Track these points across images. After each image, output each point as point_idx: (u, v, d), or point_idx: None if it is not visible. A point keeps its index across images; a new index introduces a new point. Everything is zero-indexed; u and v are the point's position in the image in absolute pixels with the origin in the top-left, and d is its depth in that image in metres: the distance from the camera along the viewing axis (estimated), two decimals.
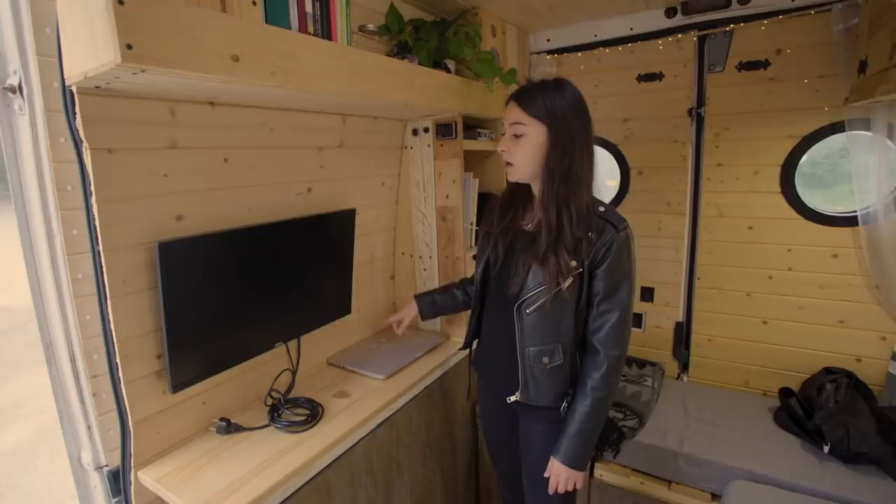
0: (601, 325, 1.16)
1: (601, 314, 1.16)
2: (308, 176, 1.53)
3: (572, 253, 1.13)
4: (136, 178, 1.06)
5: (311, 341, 1.57)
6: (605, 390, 1.15)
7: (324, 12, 1.21)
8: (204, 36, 0.85)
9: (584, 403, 1.16)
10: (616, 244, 1.12)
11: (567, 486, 1.20)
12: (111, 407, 1.06)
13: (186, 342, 1.13)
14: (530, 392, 1.23)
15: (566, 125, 1.14)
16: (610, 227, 1.13)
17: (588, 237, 1.13)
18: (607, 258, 1.13)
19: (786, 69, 1.96)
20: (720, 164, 2.14)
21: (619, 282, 1.14)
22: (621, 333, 1.16)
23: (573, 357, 1.21)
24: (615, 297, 1.15)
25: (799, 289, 2.05)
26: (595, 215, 1.15)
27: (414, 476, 1.65)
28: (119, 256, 1.03)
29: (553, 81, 1.18)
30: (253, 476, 1.07)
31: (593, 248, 1.13)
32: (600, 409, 1.17)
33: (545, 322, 1.18)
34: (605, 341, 1.16)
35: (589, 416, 1.16)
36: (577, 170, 1.14)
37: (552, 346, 1.19)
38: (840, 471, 1.55)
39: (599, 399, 1.16)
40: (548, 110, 1.14)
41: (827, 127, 1.90)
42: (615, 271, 1.14)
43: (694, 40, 2.10)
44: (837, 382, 1.78)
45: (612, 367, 1.15)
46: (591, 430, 1.18)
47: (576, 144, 1.14)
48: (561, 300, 1.15)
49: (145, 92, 1.01)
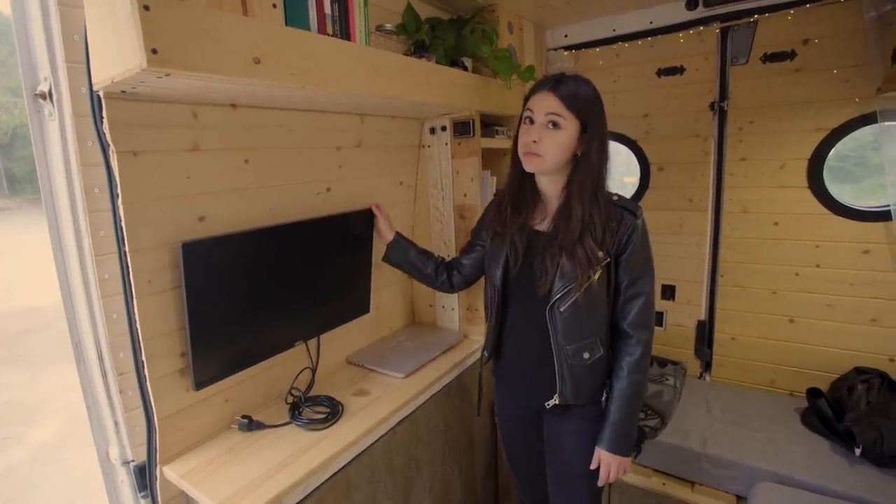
0: (630, 310, 1.18)
1: (629, 299, 1.18)
2: (327, 176, 1.54)
3: (599, 244, 1.14)
4: (160, 180, 1.08)
5: (330, 340, 1.58)
6: (641, 373, 1.18)
7: (342, 13, 1.22)
8: (226, 39, 0.86)
9: (624, 388, 1.18)
10: (637, 230, 1.15)
11: (618, 473, 1.21)
12: (137, 404, 1.08)
13: (209, 341, 1.15)
14: (568, 392, 1.22)
15: (598, 120, 1.16)
16: (628, 215, 1.15)
17: (610, 227, 1.14)
18: (630, 245, 1.15)
19: (813, 59, 1.90)
20: (744, 158, 2.09)
21: (642, 266, 1.17)
22: (649, 316, 1.18)
23: (609, 347, 1.23)
24: (641, 282, 1.17)
25: (828, 286, 1.99)
26: (612, 204, 1.17)
27: (433, 474, 1.65)
28: (144, 257, 1.06)
29: (573, 76, 1.17)
30: (275, 473, 1.08)
31: (616, 237, 1.15)
32: (640, 393, 1.19)
33: (580, 317, 1.18)
34: (636, 324, 1.18)
35: (629, 401, 1.18)
36: (604, 164, 1.17)
37: (590, 340, 1.19)
38: (872, 474, 1.50)
39: (637, 382, 1.17)
40: (584, 104, 1.14)
41: (858, 118, 1.84)
42: (638, 256, 1.16)
43: (716, 32, 2.06)
44: (869, 383, 1.73)
45: (645, 350, 1.18)
46: (633, 413, 1.20)
47: (605, 140, 1.17)
48: (592, 293, 1.16)
49: (169, 95, 1.03)
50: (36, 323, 5.90)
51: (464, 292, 1.87)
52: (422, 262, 1.54)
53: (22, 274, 7.34)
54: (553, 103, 1.14)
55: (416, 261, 1.54)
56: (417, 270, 1.55)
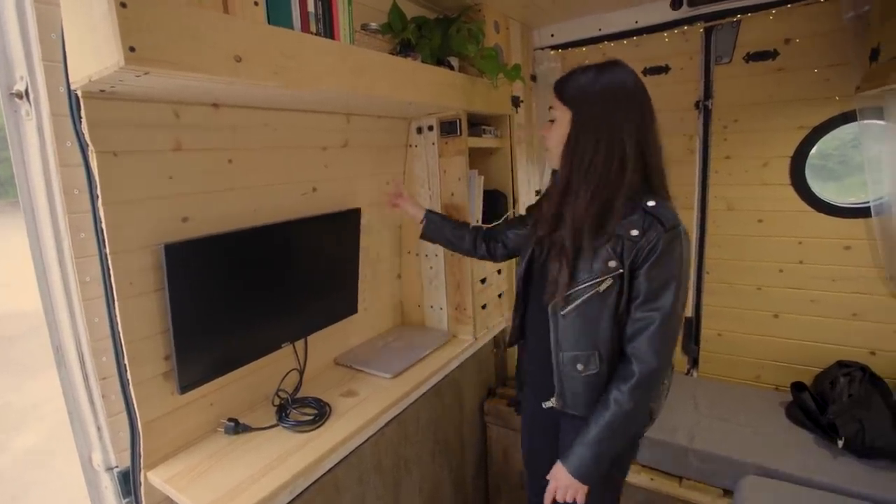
0: (637, 332, 1.05)
1: (638, 320, 1.05)
2: (313, 176, 1.53)
3: (612, 252, 1.04)
4: (141, 181, 1.07)
5: (318, 341, 1.57)
6: (629, 405, 1.04)
7: (326, 11, 1.21)
8: (206, 37, 0.85)
9: (603, 414, 1.06)
10: (662, 243, 1.01)
11: (566, 496, 1.11)
12: (120, 408, 1.07)
13: (194, 343, 1.13)
14: (566, 399, 1.15)
15: (589, 111, 1.06)
16: (657, 225, 1.01)
17: (631, 235, 1.02)
18: (650, 258, 1.02)
19: (795, 59, 1.93)
20: (728, 156, 2.12)
21: (662, 285, 1.02)
22: (660, 344, 1.03)
23: (612, 367, 1.10)
24: (656, 303, 1.03)
25: (811, 282, 2.02)
26: (642, 211, 1.03)
27: (423, 474, 1.65)
28: (126, 259, 1.04)
29: (598, 64, 1.09)
30: (261, 476, 1.07)
31: (636, 247, 1.02)
32: (620, 425, 1.06)
33: (581, 326, 1.10)
34: (639, 350, 1.04)
35: (605, 428, 1.06)
36: (599, 161, 1.04)
37: (588, 352, 1.10)
38: (855, 465, 1.53)
39: (621, 414, 1.05)
40: (574, 94, 1.08)
41: (838, 117, 1.87)
42: (658, 273, 1.02)
43: (700, 32, 2.08)
44: (851, 376, 1.75)
45: (642, 381, 1.04)
46: (606, 443, 1.07)
47: (600, 133, 1.04)
48: (596, 303, 1.06)
49: (149, 94, 1.01)
50: (23, 328, 5.80)
51: (452, 292, 1.87)
52: (457, 238, 1.53)
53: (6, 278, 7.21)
54: (552, 96, 1.14)
55: (452, 236, 1.53)
56: (453, 246, 1.55)
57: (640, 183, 1.06)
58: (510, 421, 1.97)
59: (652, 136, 1.07)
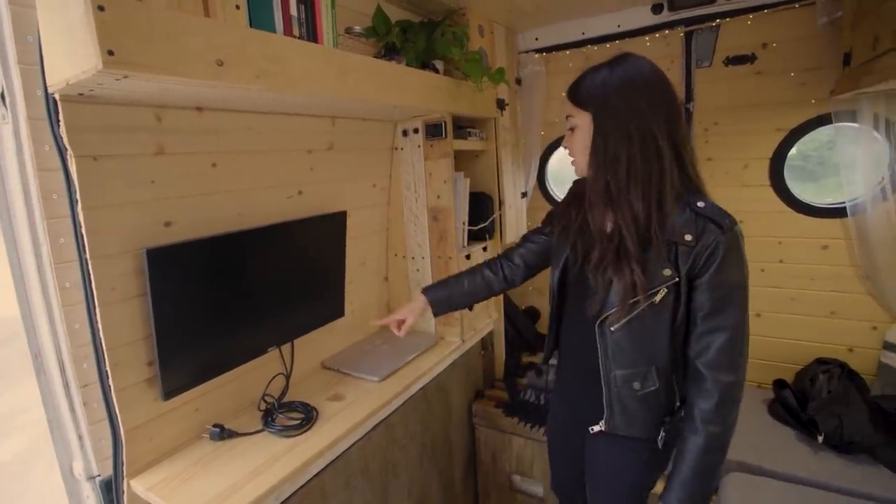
0: (707, 346, 0.96)
1: (707, 333, 0.96)
2: (298, 179, 1.53)
3: (666, 260, 0.95)
4: (122, 185, 1.06)
5: (304, 345, 1.56)
6: (720, 425, 0.96)
7: (309, 15, 1.21)
8: (187, 41, 0.84)
9: (696, 441, 0.97)
10: (722, 248, 0.91)
11: None
12: (102, 416, 1.05)
13: (178, 349, 1.12)
14: (617, 421, 1.07)
15: (606, 107, 0.97)
16: (712, 227, 0.92)
17: (685, 240, 0.93)
18: (711, 265, 0.93)
19: (772, 63, 1.97)
20: (710, 158, 2.15)
21: (728, 294, 0.94)
22: (735, 355, 0.95)
23: (669, 382, 1.03)
24: (724, 313, 0.94)
25: (791, 281, 2.06)
26: (693, 212, 0.94)
27: (411, 478, 1.65)
28: (107, 264, 1.03)
29: (610, 60, 1.01)
30: (247, 481, 1.06)
31: (692, 254, 0.93)
32: (717, 449, 0.97)
33: (635, 341, 1.01)
34: (715, 365, 0.95)
35: (703, 456, 0.97)
36: (636, 159, 0.94)
37: (644, 369, 1.02)
38: (834, 460, 1.56)
39: (714, 435, 0.96)
40: (591, 94, 0.99)
41: (814, 119, 1.92)
42: (722, 281, 0.93)
43: (681, 36, 2.12)
44: (830, 373, 1.79)
45: (725, 397, 0.95)
46: (708, 472, 0.98)
47: (629, 129, 0.94)
48: (651, 316, 0.98)
49: (130, 98, 1.00)
50: (2, 334, 5.68)
51: None
52: (473, 291, 1.38)
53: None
54: (567, 105, 1.06)
55: (466, 295, 1.38)
56: (475, 298, 1.40)
57: (681, 180, 0.97)
58: (498, 423, 1.98)
59: (682, 127, 0.98)
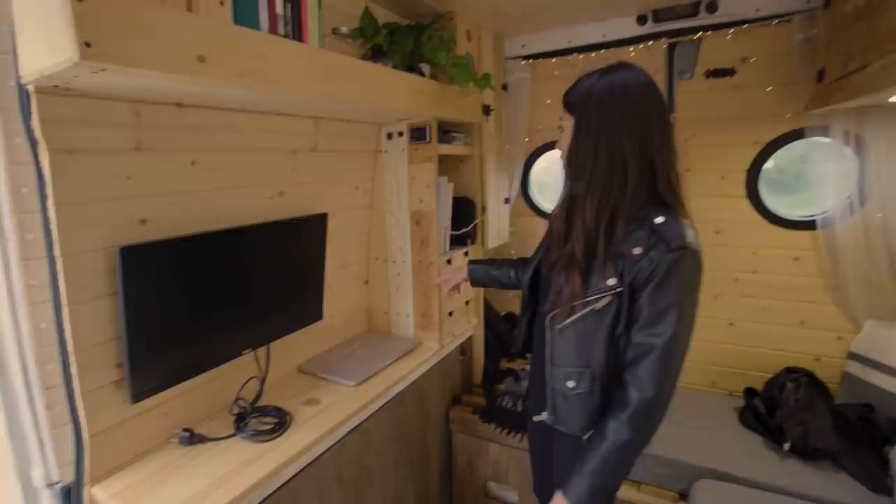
0: (636, 359, 0.98)
1: (638, 345, 0.98)
2: (280, 179, 1.51)
3: (613, 270, 0.97)
4: (97, 181, 1.03)
5: (281, 348, 1.54)
6: (626, 435, 0.97)
7: (295, 14, 1.20)
8: (168, 35, 0.82)
9: (600, 444, 1.00)
10: (664, 265, 0.93)
11: None
12: (66, 419, 1.01)
13: (148, 350, 1.09)
14: (558, 414, 1.11)
15: (585, 115, 1.00)
16: (661, 246, 0.93)
17: (633, 253, 0.95)
18: (652, 280, 0.94)
19: (750, 77, 2.03)
20: (688, 168, 2.19)
21: (663, 310, 0.94)
22: (660, 373, 0.96)
23: (605, 388, 1.04)
24: (657, 328, 0.95)
25: (763, 291, 2.12)
26: (648, 227, 0.95)
27: (386, 484, 1.63)
28: (78, 261, 1.00)
29: (604, 67, 1.04)
30: (215, 488, 1.04)
31: (637, 267, 0.95)
32: (619, 458, 0.99)
33: (575, 342, 1.05)
34: (638, 377, 0.97)
35: (603, 460, 0.99)
36: (599, 169, 0.97)
37: (579, 370, 1.05)
38: (799, 467, 1.61)
39: (618, 444, 0.98)
40: (576, 100, 1.03)
41: (789, 133, 1.97)
42: (658, 297, 0.94)
43: (664, 48, 2.16)
44: (797, 381, 1.84)
45: (640, 410, 0.96)
46: (603, 474, 1.00)
47: (599, 138, 0.97)
48: (592, 321, 1.01)
49: (108, 92, 0.98)
50: None
51: (419, 299, 1.87)
52: (503, 275, 1.47)
53: None
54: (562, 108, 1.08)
55: (496, 274, 1.48)
56: (501, 282, 1.48)
57: (649, 194, 0.98)
58: (475, 429, 1.98)
59: (661, 142, 0.99)
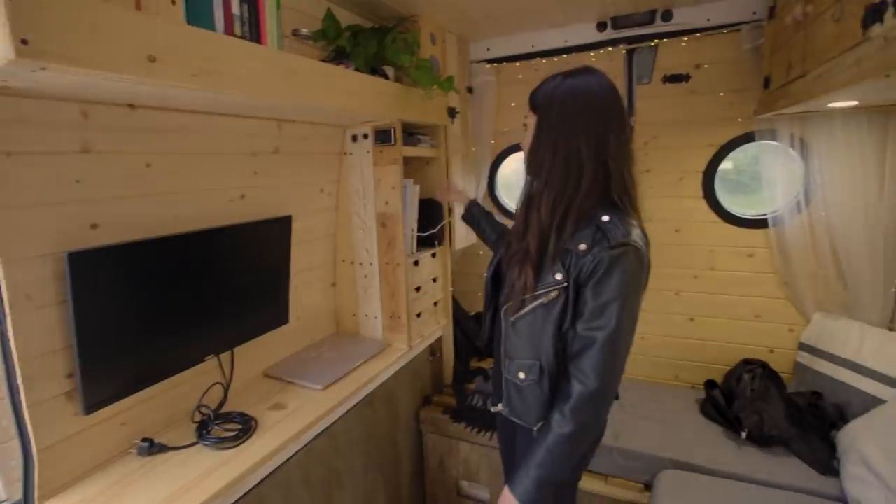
0: (579, 351, 1.00)
1: (580, 338, 1.00)
2: (241, 182, 1.48)
3: (560, 265, 1.00)
4: (41, 184, 0.99)
5: (246, 353, 1.51)
6: (570, 427, 0.99)
7: (252, 15, 1.18)
8: (113, 34, 0.80)
9: (545, 437, 1.02)
10: (606, 260, 0.95)
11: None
12: (12, 434, 0.97)
13: (102, 359, 1.06)
14: (513, 405, 1.14)
15: (547, 116, 1.05)
16: (604, 241, 0.97)
17: (579, 249, 0.98)
18: (594, 275, 0.97)
19: (704, 83, 2.11)
20: (649, 170, 2.27)
21: (604, 305, 0.97)
22: (602, 364, 0.98)
23: (553, 380, 1.07)
24: (598, 321, 0.97)
25: (721, 286, 2.20)
26: (595, 225, 0.99)
27: (356, 486, 1.62)
28: (22, 268, 0.96)
29: (569, 70, 1.08)
30: (176, 498, 1.01)
31: (581, 262, 0.98)
32: (563, 450, 1.01)
33: (526, 335, 1.08)
34: (580, 369, 0.99)
35: (548, 452, 1.01)
36: (556, 169, 1.02)
37: (529, 362, 1.08)
38: (755, 454, 1.68)
39: (563, 436, 1.00)
40: (539, 100, 1.07)
41: (740, 137, 2.06)
42: (600, 292, 0.97)
43: (623, 53, 2.22)
44: (753, 372, 1.92)
45: (581, 401, 0.99)
46: (548, 467, 1.02)
47: (558, 140, 1.01)
48: (544, 314, 1.04)
49: (52, 92, 0.94)
50: None
51: (387, 300, 1.86)
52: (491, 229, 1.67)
53: None
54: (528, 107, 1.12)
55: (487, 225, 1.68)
56: (486, 233, 1.68)
57: (602, 195, 1.01)
58: (446, 429, 1.98)
59: (617, 146, 1.02)
